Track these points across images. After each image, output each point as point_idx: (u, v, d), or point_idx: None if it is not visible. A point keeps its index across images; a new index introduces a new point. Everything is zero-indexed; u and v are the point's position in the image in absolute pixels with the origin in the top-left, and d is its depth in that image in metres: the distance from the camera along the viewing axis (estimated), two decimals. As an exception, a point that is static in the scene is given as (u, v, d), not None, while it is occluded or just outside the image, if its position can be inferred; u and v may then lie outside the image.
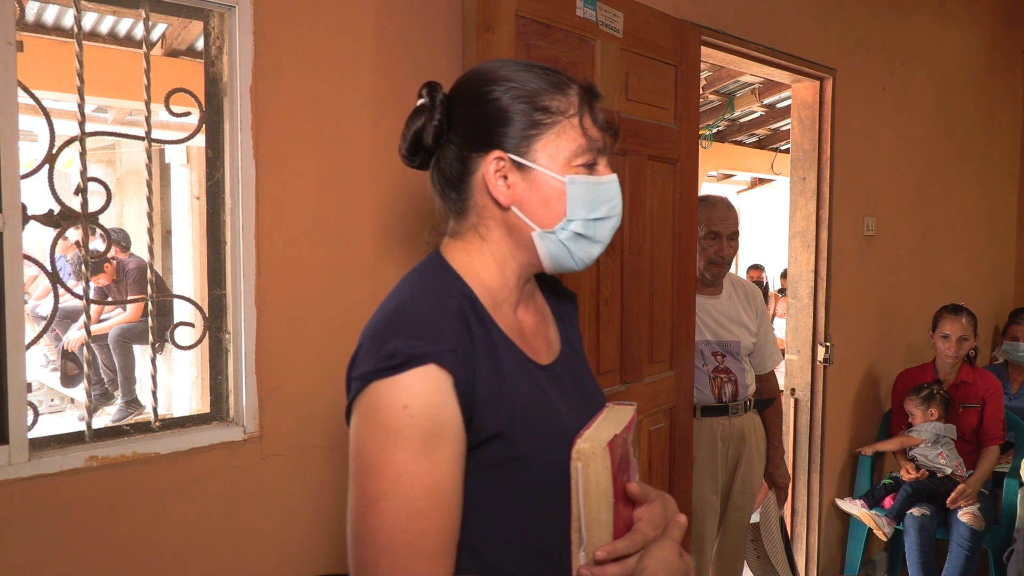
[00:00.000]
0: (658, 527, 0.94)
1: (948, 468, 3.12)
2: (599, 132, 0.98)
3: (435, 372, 0.84)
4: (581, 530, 0.88)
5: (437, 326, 0.87)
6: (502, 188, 0.96)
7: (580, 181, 0.96)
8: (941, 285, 3.98)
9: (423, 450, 0.83)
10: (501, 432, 0.89)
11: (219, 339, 1.61)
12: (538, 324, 1.06)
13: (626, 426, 0.95)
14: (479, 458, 0.89)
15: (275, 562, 1.63)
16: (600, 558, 0.87)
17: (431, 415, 0.84)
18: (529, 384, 0.95)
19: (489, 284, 0.98)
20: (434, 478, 0.84)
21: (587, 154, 0.97)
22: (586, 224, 0.97)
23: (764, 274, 8.53)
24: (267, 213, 1.58)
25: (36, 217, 1.40)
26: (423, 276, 0.98)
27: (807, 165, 3.16)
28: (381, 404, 0.84)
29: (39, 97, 1.43)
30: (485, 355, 0.90)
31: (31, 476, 1.34)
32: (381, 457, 0.84)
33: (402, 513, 0.83)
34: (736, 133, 8.25)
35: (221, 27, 1.57)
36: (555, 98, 0.96)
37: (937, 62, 3.87)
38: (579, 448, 0.88)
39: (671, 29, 2.21)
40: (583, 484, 0.87)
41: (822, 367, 3.18)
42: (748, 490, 2.50)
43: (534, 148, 0.95)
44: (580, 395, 1.04)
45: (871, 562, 3.52)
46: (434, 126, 0.98)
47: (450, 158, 0.99)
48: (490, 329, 0.93)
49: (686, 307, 2.31)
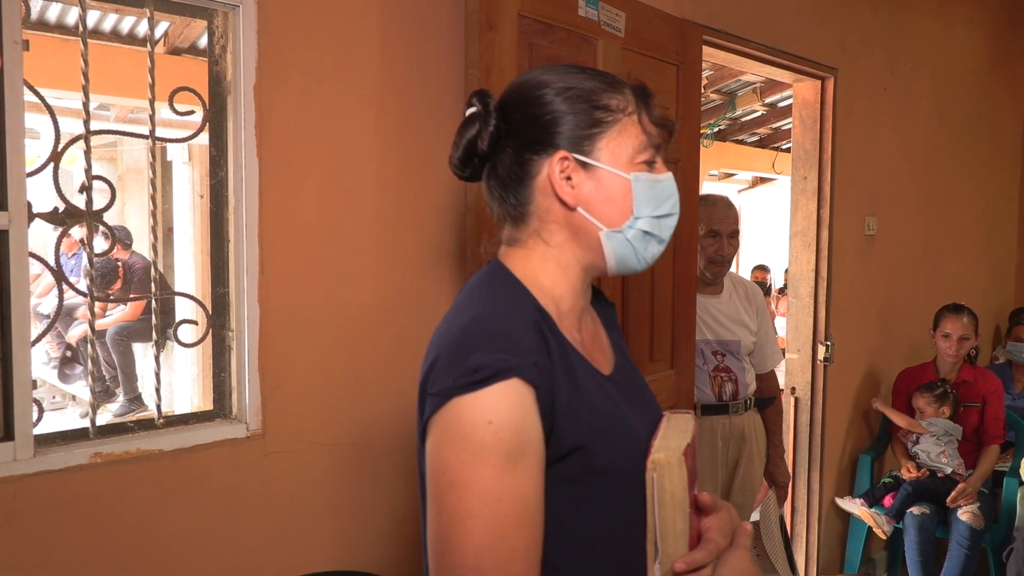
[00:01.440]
0: (728, 536, 0.93)
1: (949, 467, 3.13)
2: (656, 129, 0.98)
3: (518, 386, 0.82)
4: (656, 542, 0.88)
5: (518, 339, 0.85)
6: (567, 189, 0.95)
7: (644, 178, 0.96)
8: (942, 284, 3.98)
9: (508, 466, 0.82)
10: (581, 445, 0.88)
11: (222, 336, 1.62)
12: (595, 333, 1.05)
13: (693, 435, 0.94)
14: (557, 472, 0.88)
15: (278, 559, 1.64)
16: (679, 569, 0.87)
17: (515, 430, 0.82)
18: (601, 395, 0.93)
19: (553, 292, 0.97)
20: (520, 494, 0.82)
21: (648, 151, 0.96)
22: (651, 222, 0.97)
23: (769, 275, 8.50)
24: (270, 211, 1.59)
25: (41, 215, 1.41)
26: (491, 286, 0.95)
27: (808, 164, 3.17)
28: (464, 420, 0.82)
29: (43, 95, 1.43)
30: (561, 367, 0.88)
31: (36, 472, 1.35)
32: (465, 475, 0.81)
33: (490, 532, 0.81)
34: (737, 132, 8.26)
35: (225, 26, 1.58)
36: (613, 96, 0.96)
37: (939, 62, 3.88)
38: (655, 459, 0.88)
39: (673, 29, 2.21)
40: (659, 495, 0.87)
41: (822, 366, 3.18)
42: (748, 489, 2.50)
43: (598, 147, 0.95)
44: (642, 404, 1.03)
45: (871, 561, 3.52)
46: (490, 132, 0.96)
47: (508, 163, 0.97)
48: (561, 341, 0.92)
49: (687, 306, 2.32)
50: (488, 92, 0.98)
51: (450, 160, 1.00)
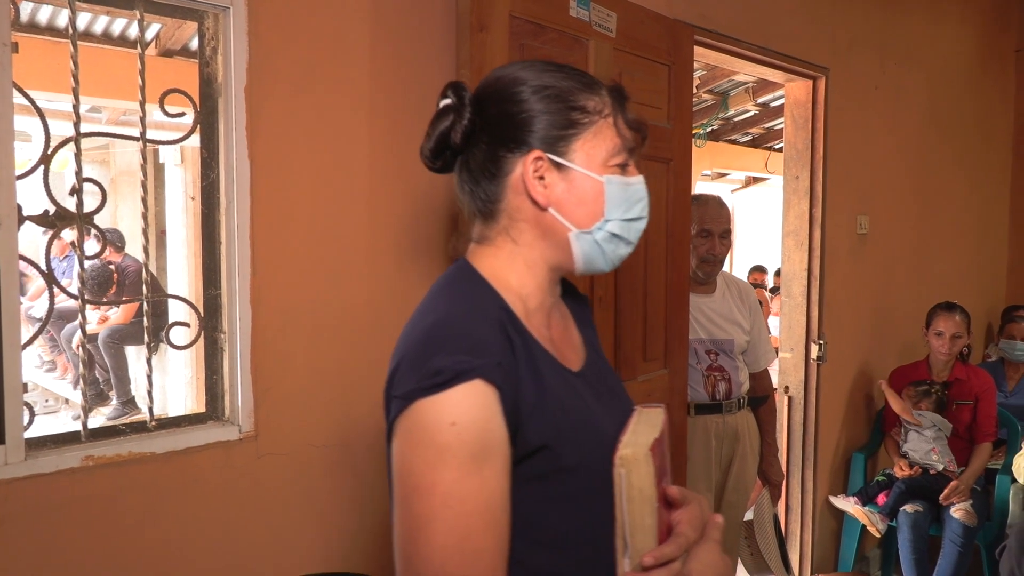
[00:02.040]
0: (698, 529, 0.93)
1: (940, 464, 3.14)
2: (630, 133, 0.98)
3: (482, 387, 0.82)
4: (625, 536, 0.88)
5: (481, 340, 0.85)
6: (540, 189, 0.94)
7: (616, 181, 0.96)
8: (934, 283, 4.00)
9: (473, 468, 0.81)
10: (547, 443, 0.88)
11: (214, 339, 1.62)
12: (565, 330, 1.05)
13: (662, 430, 0.94)
14: (524, 471, 0.88)
15: (271, 561, 1.63)
16: (647, 563, 0.86)
17: (479, 431, 0.82)
18: (568, 393, 0.93)
19: (520, 291, 0.97)
20: (485, 496, 0.82)
21: (621, 154, 0.97)
22: (621, 224, 0.97)
23: (766, 277, 8.45)
24: (262, 213, 1.59)
25: (32, 218, 1.41)
26: (455, 287, 0.95)
27: (800, 164, 3.18)
28: (428, 422, 0.82)
29: (33, 98, 1.43)
30: (526, 367, 0.88)
31: (27, 476, 1.35)
32: (429, 477, 0.81)
33: (455, 534, 0.80)
34: (730, 132, 8.27)
35: (216, 28, 1.57)
36: (590, 98, 0.96)
37: (930, 61, 3.89)
38: (622, 455, 0.87)
39: (664, 29, 2.22)
40: (627, 490, 0.87)
41: (815, 365, 3.19)
42: (742, 487, 2.51)
43: (572, 148, 0.94)
44: (613, 400, 1.03)
45: (865, 559, 3.53)
46: (464, 125, 0.95)
47: (481, 158, 0.96)
48: (527, 339, 0.91)
49: (680, 306, 2.33)
50: (464, 85, 0.98)
51: (421, 150, 1.00)
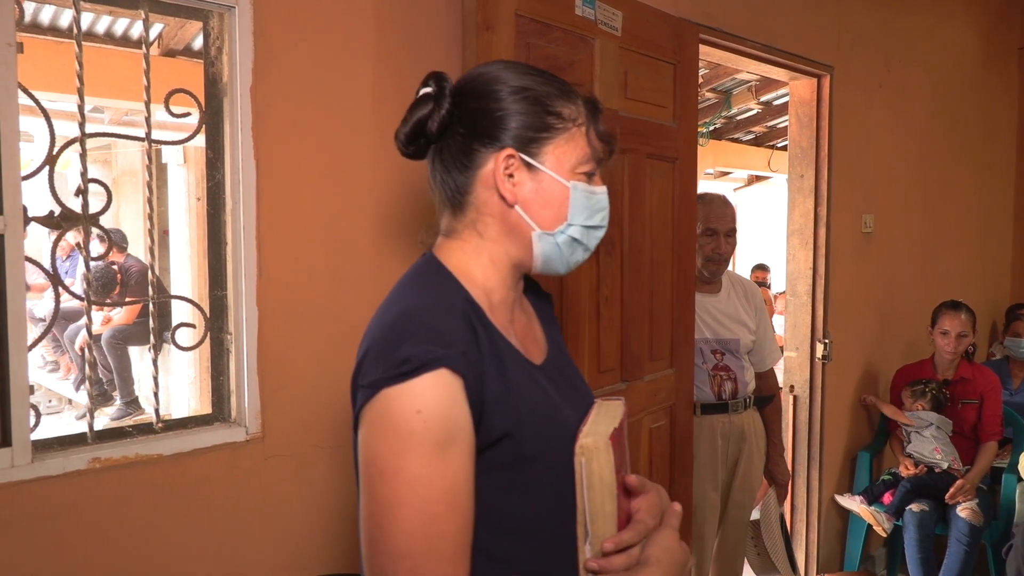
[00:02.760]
0: (657, 516, 0.97)
1: (944, 463, 3.13)
2: (600, 144, 1.01)
3: (447, 376, 0.84)
4: (587, 523, 0.90)
5: (446, 330, 0.88)
6: (508, 185, 0.97)
7: (582, 188, 0.99)
8: (939, 282, 3.99)
9: (437, 455, 0.84)
10: (510, 432, 0.90)
11: (220, 340, 1.61)
12: (527, 324, 1.08)
13: (621, 420, 0.98)
14: (488, 459, 0.90)
15: (277, 563, 1.63)
16: (607, 549, 0.90)
17: (444, 419, 0.84)
18: (530, 384, 0.96)
19: (484, 285, 0.99)
20: (449, 482, 0.84)
21: (589, 163, 1.00)
22: (582, 230, 1.00)
23: (769, 275, 8.47)
24: (268, 213, 1.58)
25: (37, 219, 1.40)
26: (422, 279, 0.98)
27: (805, 163, 3.17)
28: (394, 410, 0.84)
29: (37, 98, 1.42)
30: (490, 358, 0.91)
31: (34, 478, 1.34)
32: (395, 463, 0.83)
33: (419, 519, 0.83)
34: (733, 130, 8.25)
35: (221, 27, 1.57)
36: (566, 105, 0.99)
37: (934, 59, 3.88)
38: (582, 444, 0.91)
39: (669, 27, 2.21)
40: (587, 478, 0.90)
41: (821, 364, 3.18)
42: (748, 487, 2.50)
43: (544, 150, 0.97)
44: (573, 392, 1.06)
45: (870, 558, 3.53)
46: (441, 116, 0.97)
47: (455, 149, 0.98)
48: (491, 332, 0.94)
49: (686, 305, 2.32)
50: (445, 75, 1.00)
51: (396, 134, 1.01)
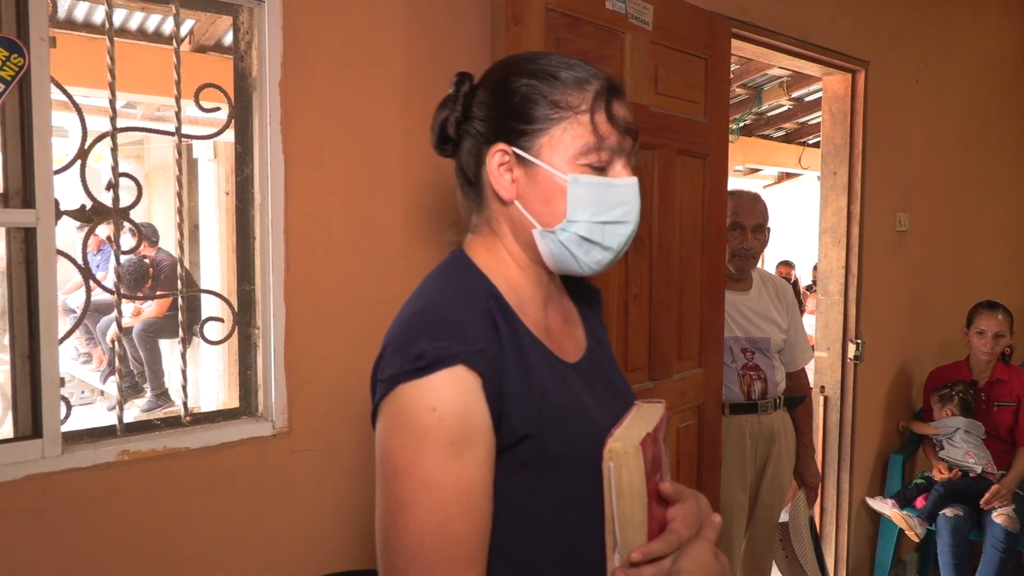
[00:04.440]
0: (692, 527, 0.92)
1: (977, 467, 3.07)
2: (613, 131, 0.93)
3: (463, 373, 0.82)
4: (615, 531, 0.86)
5: (464, 326, 0.85)
6: (505, 182, 0.94)
7: (585, 181, 0.92)
8: (975, 282, 3.90)
9: (452, 453, 0.82)
10: (531, 433, 0.87)
11: (248, 334, 1.62)
12: (565, 321, 1.04)
13: (657, 424, 0.93)
14: (509, 459, 0.87)
15: (304, 557, 1.63)
16: (635, 560, 0.85)
17: (460, 417, 0.82)
18: (557, 383, 0.93)
19: (512, 281, 0.97)
20: (464, 482, 0.82)
21: (595, 153, 0.92)
22: (592, 227, 0.93)
23: (794, 271, 8.42)
24: (296, 208, 1.58)
25: (68, 212, 1.41)
26: (447, 275, 0.96)
27: (838, 160, 3.11)
28: (409, 407, 0.82)
29: (70, 93, 1.43)
30: (513, 354, 0.88)
31: (64, 470, 1.35)
32: (409, 461, 0.82)
33: (432, 518, 0.81)
34: (763, 127, 8.16)
35: (250, 22, 1.57)
36: (567, 93, 0.92)
37: (972, 53, 3.79)
38: (611, 448, 0.86)
39: (701, 21, 2.18)
40: (616, 484, 0.85)
41: (852, 365, 3.13)
42: (777, 488, 2.47)
43: (539, 143, 0.92)
44: (610, 393, 1.02)
45: (901, 563, 3.46)
46: (456, 117, 0.97)
47: (467, 150, 0.98)
48: (516, 327, 0.91)
49: (715, 304, 2.29)
50: (467, 75, 0.98)
51: (430, 138, 1.02)
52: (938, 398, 3.21)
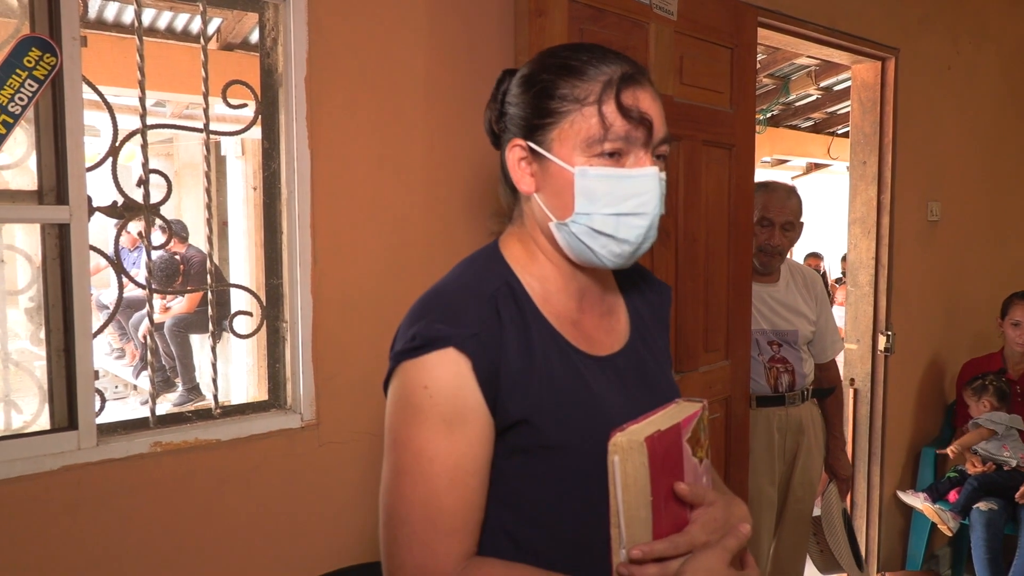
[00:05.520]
0: (713, 533, 0.88)
1: (1013, 460, 3.01)
2: (624, 121, 0.90)
3: (453, 355, 0.86)
4: (621, 527, 0.84)
5: (460, 311, 0.89)
6: (519, 174, 0.97)
7: (594, 173, 0.91)
8: (1010, 272, 3.83)
9: (443, 430, 0.86)
10: (527, 418, 0.90)
11: (276, 328, 1.64)
12: (603, 315, 1.03)
13: (679, 423, 0.89)
14: (508, 442, 0.91)
15: (332, 547, 1.65)
16: (635, 557, 0.83)
17: (450, 396, 0.86)
18: (568, 373, 0.93)
19: (539, 273, 0.98)
20: (453, 458, 0.87)
21: (605, 143, 0.90)
22: (604, 220, 0.91)
23: (822, 263, 8.33)
24: (322, 202, 1.60)
25: (101, 209, 1.44)
26: (471, 264, 0.99)
27: (868, 149, 3.07)
28: (406, 383, 0.88)
29: (101, 92, 1.46)
30: (515, 341, 0.90)
31: (99, 461, 1.39)
32: (405, 434, 0.87)
33: (420, 489, 0.86)
34: (791, 117, 8.06)
35: (276, 19, 1.58)
36: (576, 85, 0.92)
37: (1006, 38, 3.71)
38: (615, 441, 0.84)
39: (727, 10, 2.16)
40: (621, 479, 0.84)
41: (883, 357, 3.09)
42: (808, 481, 2.44)
43: (550, 136, 0.93)
44: (643, 388, 1.01)
45: (934, 557, 3.42)
46: (494, 115, 1.01)
47: (502, 146, 1.01)
48: (527, 316, 0.93)
49: (742, 296, 2.27)
50: (508, 73, 1.02)
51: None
52: (972, 391, 3.15)
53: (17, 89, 1.30)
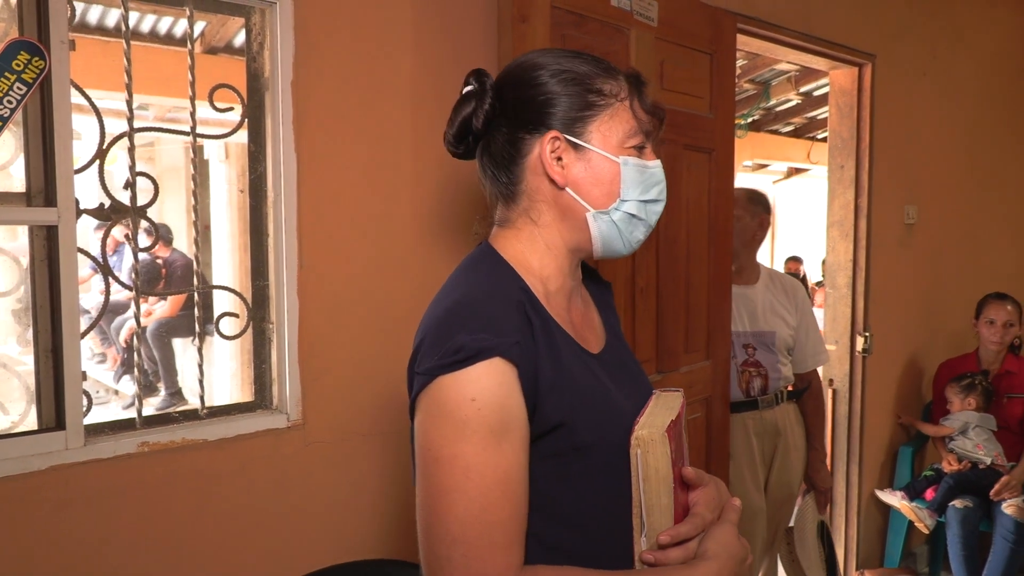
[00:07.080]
0: (715, 510, 0.96)
1: (987, 458, 3.07)
2: (647, 117, 1.00)
3: (501, 365, 0.85)
4: (642, 516, 0.90)
5: (500, 319, 0.88)
6: (557, 168, 0.97)
7: (632, 163, 0.98)
8: (985, 274, 3.90)
9: (492, 442, 0.84)
10: (563, 421, 0.90)
11: (262, 329, 1.65)
12: (586, 313, 1.07)
13: (679, 412, 0.97)
14: (542, 448, 0.91)
15: (318, 546, 1.66)
16: (663, 542, 0.90)
17: (498, 407, 0.85)
18: (585, 372, 0.96)
19: (541, 273, 0.99)
20: (503, 469, 0.85)
21: (637, 136, 0.99)
22: (639, 205, 0.99)
23: (802, 267, 8.41)
24: (309, 205, 1.61)
25: (88, 211, 1.45)
26: (477, 269, 0.98)
27: (845, 153, 3.12)
28: (449, 398, 0.85)
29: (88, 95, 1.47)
30: (544, 346, 0.91)
31: (87, 461, 1.40)
32: (450, 450, 0.84)
33: (474, 505, 0.84)
34: (772, 122, 8.14)
35: (262, 23, 1.60)
36: (607, 82, 0.99)
37: (982, 44, 3.78)
38: (638, 435, 0.90)
39: (706, 17, 2.20)
40: (643, 471, 0.89)
41: (861, 357, 3.14)
42: (785, 483, 2.46)
43: (589, 129, 0.97)
44: (631, 382, 1.05)
45: (912, 555, 3.47)
46: (485, 111, 0.99)
47: (501, 141, 1.00)
48: (546, 320, 0.94)
49: (722, 297, 2.31)
50: (485, 72, 1.02)
51: (444, 136, 1.04)
52: (959, 388, 3.18)
53: (6, 92, 1.31)
